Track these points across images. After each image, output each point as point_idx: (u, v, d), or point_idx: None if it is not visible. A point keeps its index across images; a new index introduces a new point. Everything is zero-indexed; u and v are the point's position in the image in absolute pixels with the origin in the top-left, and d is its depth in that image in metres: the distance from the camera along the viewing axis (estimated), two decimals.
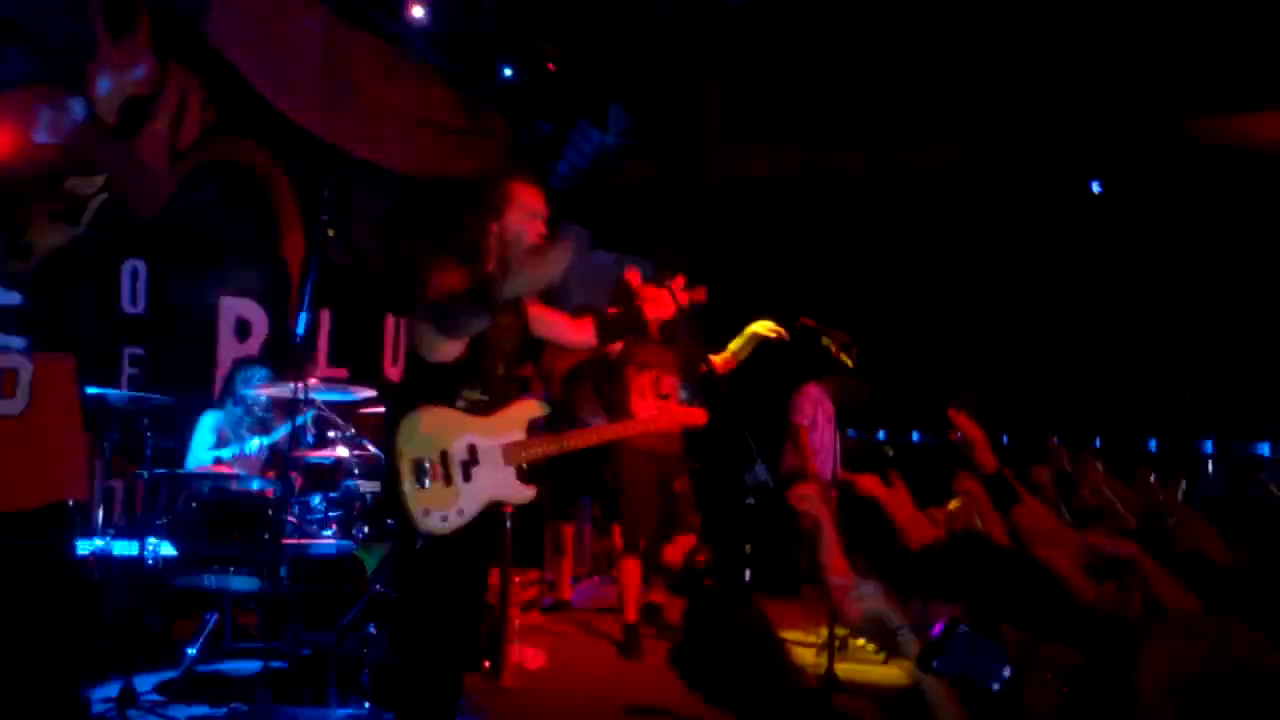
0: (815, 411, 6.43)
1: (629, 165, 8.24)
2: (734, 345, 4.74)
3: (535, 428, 3.06)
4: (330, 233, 3.85)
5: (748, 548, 3.44)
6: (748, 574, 3.36)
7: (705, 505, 5.45)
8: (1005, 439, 7.62)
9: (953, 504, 3.99)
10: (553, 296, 8.27)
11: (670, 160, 8.18)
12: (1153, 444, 7.19)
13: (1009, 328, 8.17)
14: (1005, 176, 7.37)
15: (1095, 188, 7.17)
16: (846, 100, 7.61)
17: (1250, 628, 2.07)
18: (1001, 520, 2.80)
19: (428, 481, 2.82)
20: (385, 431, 3.07)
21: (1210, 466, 7.28)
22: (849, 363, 5.23)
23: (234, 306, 5.60)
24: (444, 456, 2.85)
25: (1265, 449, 7.33)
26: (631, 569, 5.19)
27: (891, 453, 5.64)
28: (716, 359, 4.78)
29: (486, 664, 4.38)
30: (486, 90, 7.39)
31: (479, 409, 2.97)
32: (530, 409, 3.08)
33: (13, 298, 2.76)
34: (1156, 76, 6.71)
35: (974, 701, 1.98)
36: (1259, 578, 2.77)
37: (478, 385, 2.98)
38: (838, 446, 6.34)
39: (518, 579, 5.41)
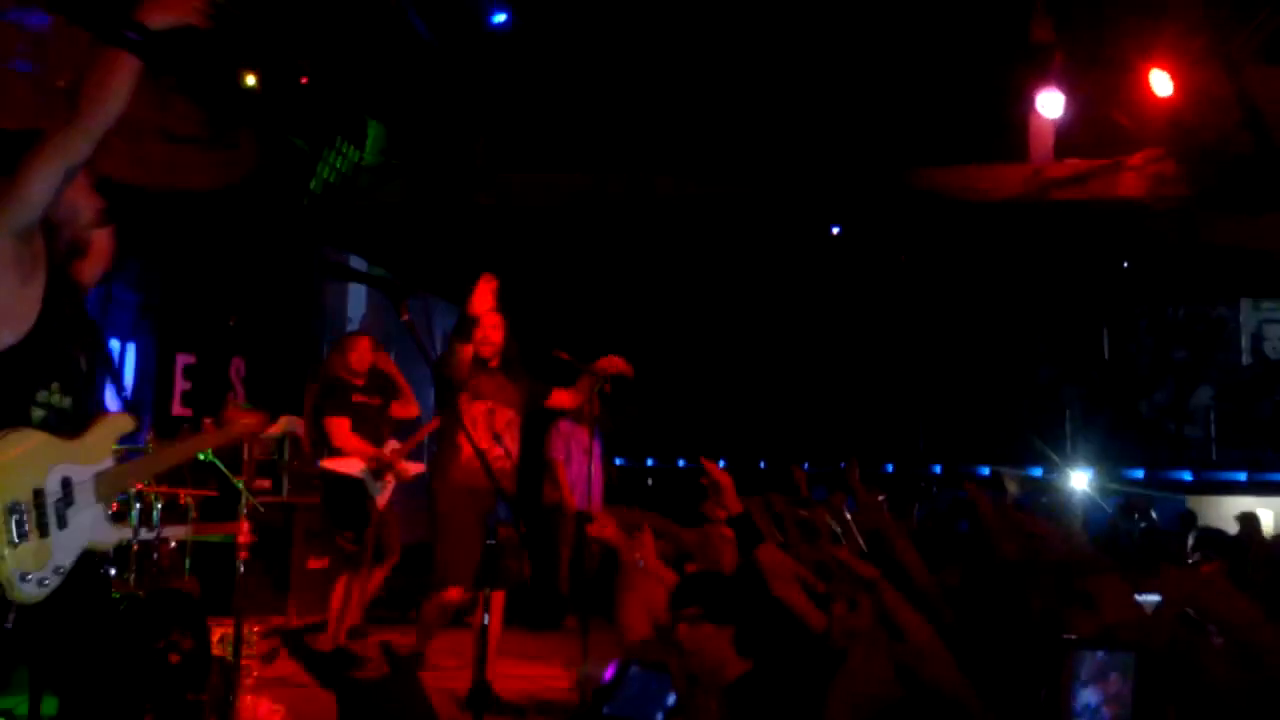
0: (568, 445, 6.48)
1: (389, 186, 7.97)
2: (584, 383, 4.75)
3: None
4: None
5: (486, 590, 3.33)
6: (486, 618, 3.25)
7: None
8: (762, 464, 7.93)
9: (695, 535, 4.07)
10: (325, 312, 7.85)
11: (429, 183, 7.98)
12: (889, 467, 7.70)
13: (762, 358, 8.55)
14: (757, 212, 7.71)
15: (835, 230, 7.63)
16: (610, 128, 7.72)
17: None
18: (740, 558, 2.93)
19: (25, 535, 2.21)
20: None
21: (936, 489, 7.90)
22: (605, 391, 5.25)
23: None
24: (38, 497, 2.24)
25: (985, 471, 8.01)
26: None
27: (651, 481, 5.70)
28: (564, 395, 4.77)
29: None
30: (231, 103, 6.93)
31: (64, 424, 2.33)
32: (119, 423, 2.47)
33: None
34: (890, 129, 7.24)
35: None
36: (970, 596, 2.97)
37: (57, 384, 2.33)
38: (598, 477, 6.39)
39: (257, 627, 5.03)
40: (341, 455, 5.54)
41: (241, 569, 4.13)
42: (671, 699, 1.93)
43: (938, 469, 8.42)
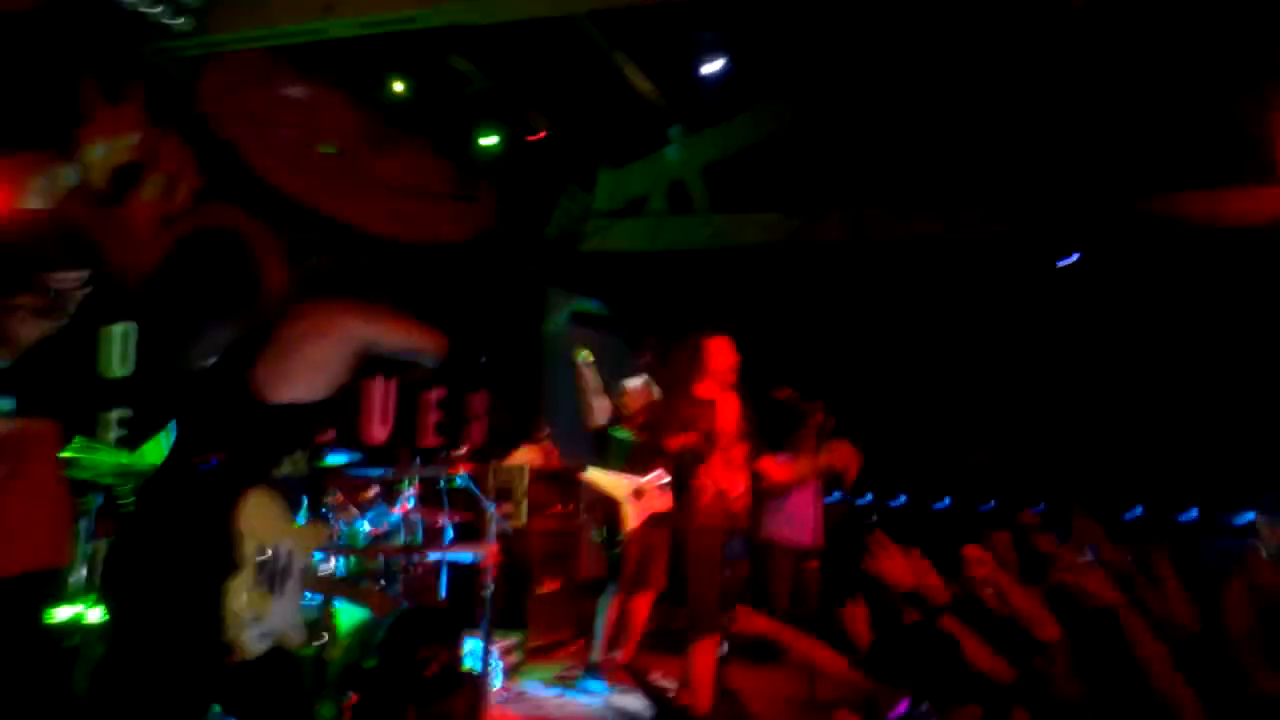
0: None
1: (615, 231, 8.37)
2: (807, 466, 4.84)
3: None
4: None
5: (725, 619, 3.45)
6: (725, 646, 3.36)
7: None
8: (990, 504, 7.65)
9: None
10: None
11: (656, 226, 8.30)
12: (1138, 511, 7.25)
13: (990, 395, 8.27)
14: (978, 244, 7.51)
15: (1062, 263, 7.32)
16: (821, 163, 7.79)
17: None
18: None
19: (261, 583, 2.33)
20: None
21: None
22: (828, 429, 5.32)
23: None
24: (273, 555, 2.38)
25: (1249, 517, 7.38)
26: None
27: (875, 518, 5.65)
28: (777, 469, 4.93)
29: None
30: (472, 157, 7.54)
31: (291, 491, 2.49)
32: (322, 533, 2.73)
33: None
34: (1124, 155, 6.90)
35: None
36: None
37: (302, 453, 2.52)
38: (818, 512, 6.40)
39: (501, 645, 5.39)
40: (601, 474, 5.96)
41: (489, 588, 4.48)
42: None
43: (1194, 514, 7.82)
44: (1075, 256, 7.63)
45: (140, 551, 2.37)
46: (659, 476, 6.01)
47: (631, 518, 5.91)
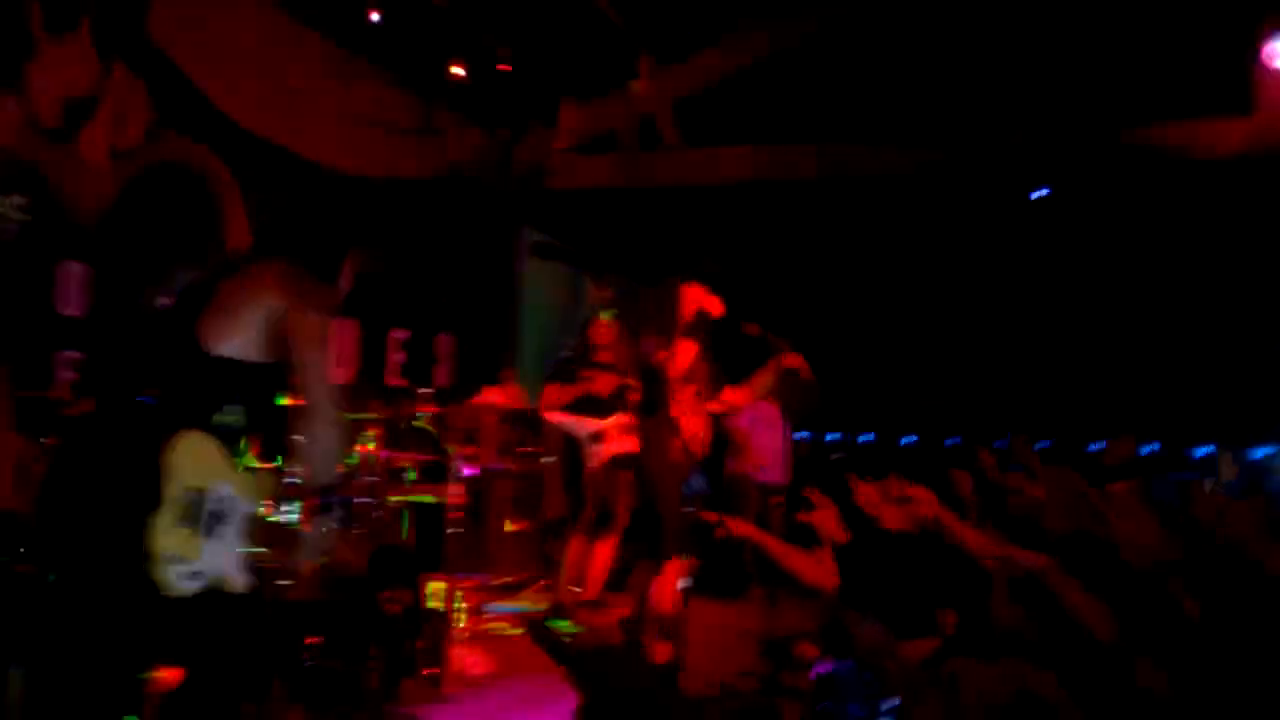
0: (751, 418, 6.53)
1: (582, 168, 8.23)
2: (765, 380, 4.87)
3: None
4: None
5: (684, 554, 3.48)
6: (685, 581, 3.40)
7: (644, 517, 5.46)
8: (950, 441, 7.73)
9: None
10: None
11: (624, 164, 8.19)
12: (1095, 446, 7.34)
13: (957, 330, 8.31)
14: (951, 177, 7.46)
15: (1034, 195, 7.30)
16: (795, 98, 7.68)
17: None
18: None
19: (185, 521, 2.32)
20: None
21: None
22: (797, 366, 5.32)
23: None
24: (201, 494, 2.36)
25: (1208, 450, 7.49)
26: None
27: (839, 455, 5.69)
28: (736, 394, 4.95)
29: (430, 671, 4.37)
30: (438, 90, 7.37)
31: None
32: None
33: None
34: (1099, 85, 6.84)
35: None
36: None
37: None
38: (784, 450, 6.42)
39: (465, 585, 5.41)
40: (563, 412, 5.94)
41: (452, 529, 4.49)
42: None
43: (1156, 447, 7.93)
44: (1046, 190, 7.59)
45: (68, 483, 2.34)
46: (622, 418, 6.01)
47: (593, 458, 5.91)
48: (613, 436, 5.96)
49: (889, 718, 2.32)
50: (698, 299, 4.89)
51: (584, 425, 5.88)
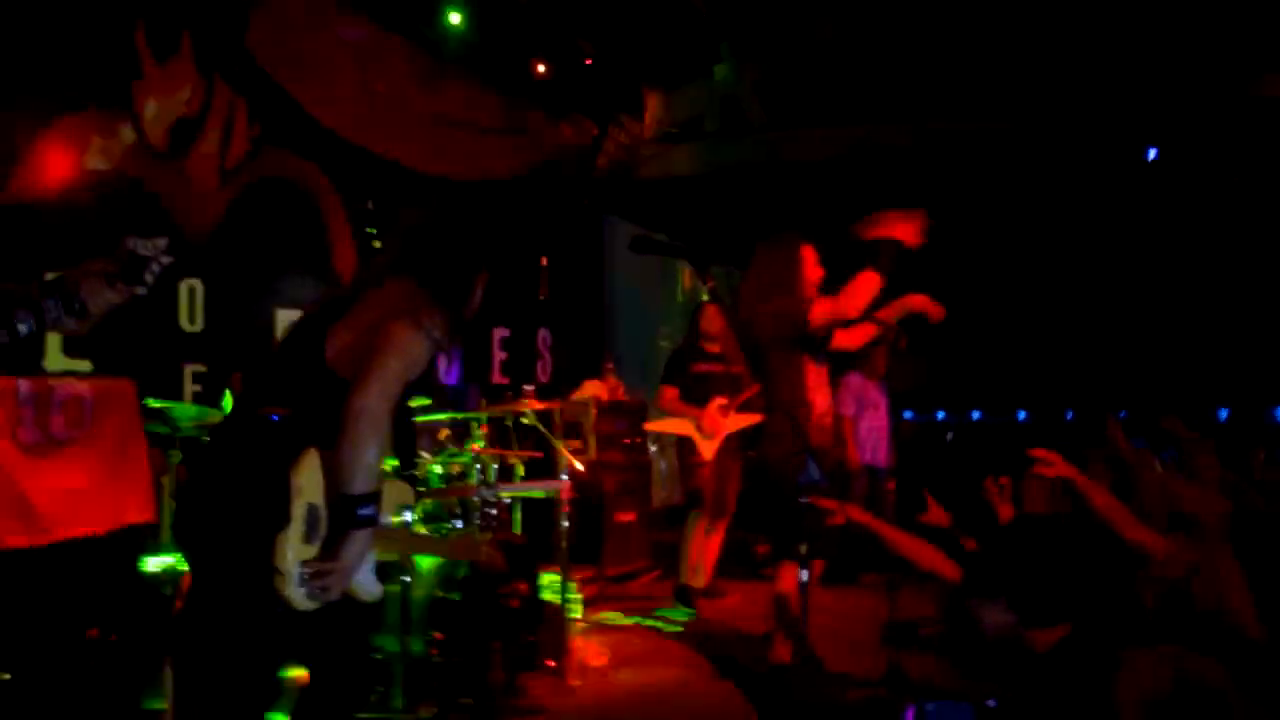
0: (858, 400, 6.43)
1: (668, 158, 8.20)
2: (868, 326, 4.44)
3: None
4: (377, 244, 3.88)
5: (803, 547, 3.43)
6: (805, 574, 3.35)
7: (758, 500, 5.40)
8: (1069, 415, 7.47)
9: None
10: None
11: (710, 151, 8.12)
12: (1223, 414, 7.00)
13: (1063, 301, 8.03)
14: (1051, 145, 7.19)
15: (1151, 154, 6.97)
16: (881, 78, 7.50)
17: None
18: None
19: (313, 537, 2.32)
20: None
21: None
22: (898, 345, 5.20)
23: (290, 319, 5.66)
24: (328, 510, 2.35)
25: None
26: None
27: (951, 435, 5.55)
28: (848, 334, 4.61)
29: (551, 663, 4.41)
30: (523, 89, 7.41)
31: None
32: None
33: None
34: (1217, 38, 6.51)
35: None
36: None
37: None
38: (886, 431, 6.34)
39: (578, 577, 5.45)
40: (668, 418, 6.03)
41: (564, 522, 4.51)
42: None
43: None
44: (1154, 153, 7.25)
45: (201, 500, 2.40)
46: (721, 404, 5.96)
47: (707, 450, 5.90)
48: (717, 423, 5.94)
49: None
50: (815, 258, 4.44)
51: (696, 419, 5.89)
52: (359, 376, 2.26)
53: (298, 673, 2.54)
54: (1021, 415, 7.90)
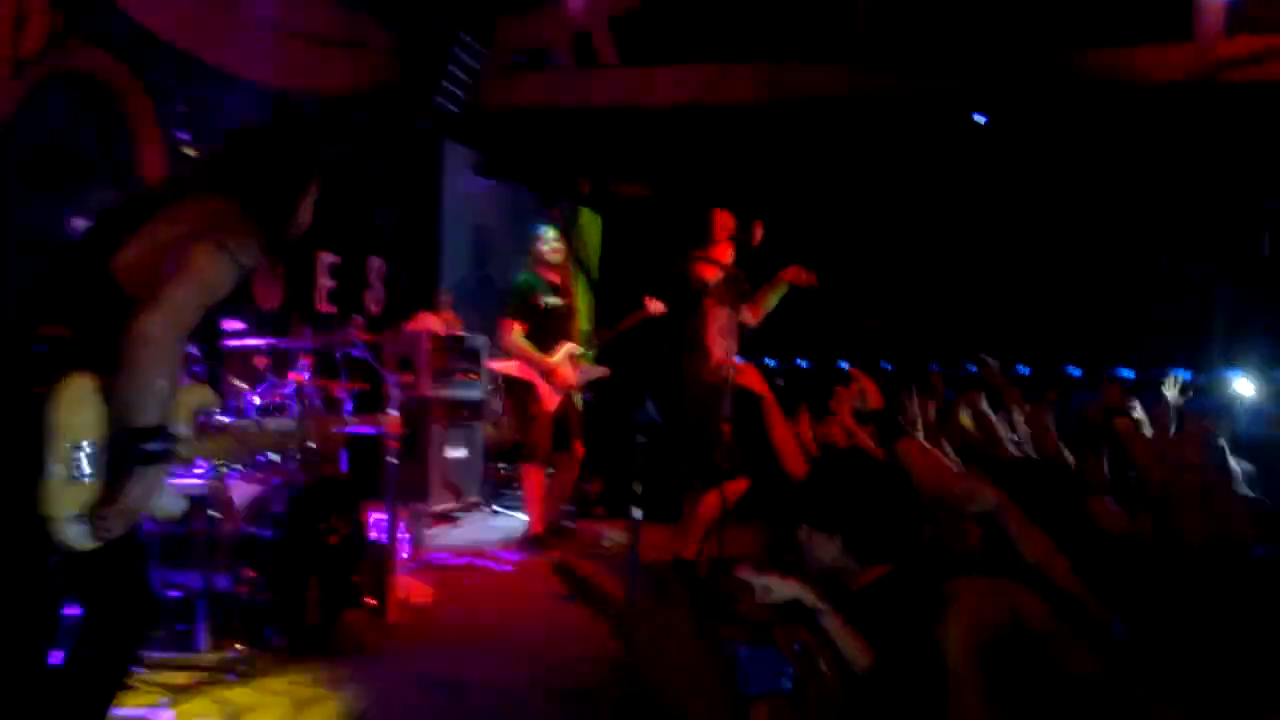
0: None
1: (517, 87, 7.93)
2: (772, 296, 5.18)
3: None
4: (189, 150, 3.57)
5: (638, 485, 3.43)
6: (639, 511, 3.35)
7: (596, 438, 5.44)
8: (889, 366, 7.80)
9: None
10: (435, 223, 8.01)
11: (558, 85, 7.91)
12: (1024, 369, 7.45)
13: (892, 257, 8.33)
14: (897, 106, 7.39)
15: (980, 119, 7.26)
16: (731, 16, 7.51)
17: None
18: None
19: (84, 475, 2.12)
20: None
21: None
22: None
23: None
24: (103, 442, 2.15)
25: (1128, 374, 7.66)
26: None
27: (781, 381, 5.68)
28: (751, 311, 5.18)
29: (372, 600, 4.27)
30: (364, 2, 6.99)
31: None
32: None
33: None
34: (1043, 11, 6.80)
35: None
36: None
37: None
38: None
39: (405, 514, 5.30)
40: (513, 359, 5.84)
41: (391, 459, 4.35)
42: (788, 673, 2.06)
43: (1077, 371, 8.09)
44: (984, 119, 7.55)
45: None
46: (572, 353, 5.92)
47: (548, 397, 5.81)
48: (564, 371, 5.88)
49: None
50: (729, 223, 5.10)
51: (548, 371, 5.79)
52: (147, 298, 2.04)
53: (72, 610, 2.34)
54: (843, 365, 8.21)
